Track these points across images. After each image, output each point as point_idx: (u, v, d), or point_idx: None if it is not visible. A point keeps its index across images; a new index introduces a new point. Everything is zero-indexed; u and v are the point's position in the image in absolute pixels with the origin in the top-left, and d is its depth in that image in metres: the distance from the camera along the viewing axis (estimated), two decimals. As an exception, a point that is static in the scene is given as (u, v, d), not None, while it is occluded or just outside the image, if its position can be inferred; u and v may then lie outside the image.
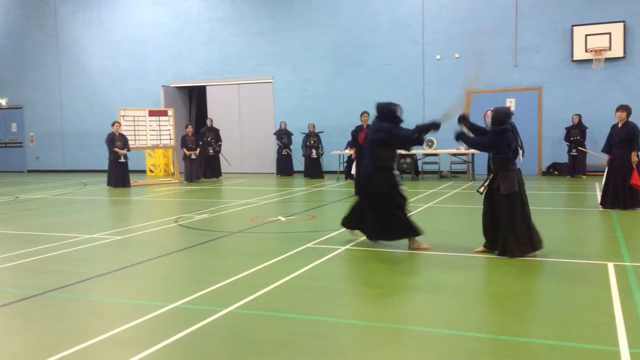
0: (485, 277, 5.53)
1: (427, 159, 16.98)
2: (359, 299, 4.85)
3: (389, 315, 4.48)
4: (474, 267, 5.91)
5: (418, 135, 6.80)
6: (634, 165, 9.24)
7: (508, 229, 6.12)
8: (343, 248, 6.78)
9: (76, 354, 3.69)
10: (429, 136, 16.52)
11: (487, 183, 6.40)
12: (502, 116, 6.26)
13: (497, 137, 6.26)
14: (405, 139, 6.88)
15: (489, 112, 6.35)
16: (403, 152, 15.37)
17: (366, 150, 7.15)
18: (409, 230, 6.75)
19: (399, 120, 6.92)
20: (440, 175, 16.78)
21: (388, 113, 6.92)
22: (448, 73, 17.51)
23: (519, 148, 6.38)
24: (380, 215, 6.79)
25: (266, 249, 6.91)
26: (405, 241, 6.80)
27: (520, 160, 6.47)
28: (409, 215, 6.89)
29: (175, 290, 5.23)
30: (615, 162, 9.43)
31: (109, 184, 15.59)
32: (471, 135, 6.68)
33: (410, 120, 7.48)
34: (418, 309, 4.65)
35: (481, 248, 6.47)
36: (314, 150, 17.66)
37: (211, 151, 18.07)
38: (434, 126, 6.74)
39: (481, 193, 6.47)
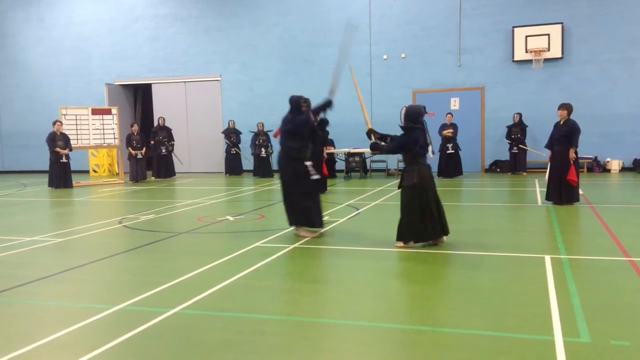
0: (428, 271, 5.66)
1: (375, 158, 17.20)
2: (306, 297, 4.89)
3: (336, 312, 4.53)
4: (418, 261, 6.04)
5: (316, 118, 7.50)
6: (571, 162, 9.64)
7: (404, 217, 6.56)
8: (291, 246, 6.81)
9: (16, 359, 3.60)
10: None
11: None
12: (413, 115, 6.63)
13: (404, 137, 6.62)
14: (304, 124, 7.42)
15: (404, 108, 6.74)
16: (352, 151, 15.53)
17: (280, 141, 7.63)
18: (306, 219, 7.34)
19: (303, 114, 7.49)
20: (388, 173, 17.04)
21: (295, 106, 7.56)
22: (395, 72, 17.80)
23: (427, 145, 6.75)
24: (289, 200, 7.40)
25: (214, 249, 6.87)
26: (353, 238, 6.88)
27: (429, 157, 6.85)
28: (314, 205, 7.36)
29: (119, 292, 5.14)
30: (556, 158, 9.82)
31: (51, 184, 15.11)
32: (382, 143, 7.04)
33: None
34: (363, 304, 4.72)
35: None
36: (263, 149, 17.60)
37: (164, 150, 17.78)
38: (326, 105, 7.68)
39: (398, 188, 6.83)
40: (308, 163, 7.39)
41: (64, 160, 15.16)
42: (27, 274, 5.81)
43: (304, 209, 7.34)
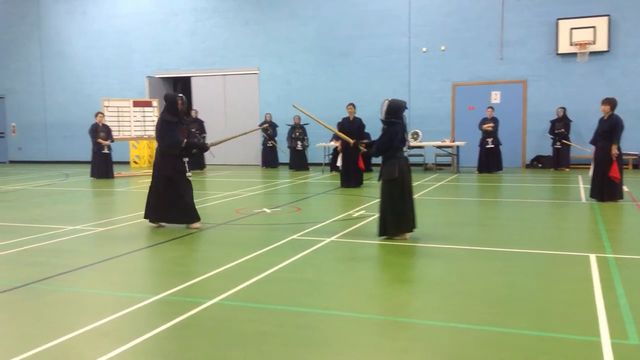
0: (470, 268, 5.56)
1: (413, 152, 16.98)
2: (344, 291, 4.85)
3: (374, 307, 4.49)
4: (459, 258, 5.94)
5: (185, 148, 7.67)
6: (614, 158, 9.36)
7: (387, 211, 6.68)
8: (328, 240, 6.78)
9: (59, 346, 3.66)
10: (414, 128, 16.58)
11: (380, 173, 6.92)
12: (395, 109, 6.72)
13: (385, 133, 6.73)
14: (172, 144, 7.57)
15: (386, 101, 6.77)
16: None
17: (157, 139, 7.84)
18: (190, 217, 7.67)
19: (179, 113, 7.72)
20: (426, 168, 16.85)
21: (171, 104, 7.68)
22: (434, 65, 17.56)
23: (405, 140, 6.86)
24: (163, 198, 7.63)
25: (251, 241, 6.89)
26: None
27: (405, 151, 6.90)
28: (190, 201, 7.73)
29: (158, 282, 5.20)
30: (598, 154, 9.59)
31: (92, 175, 15.44)
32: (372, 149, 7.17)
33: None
34: (403, 300, 4.67)
35: None
36: (299, 142, 17.61)
37: None
38: (202, 148, 8.35)
39: (378, 181, 6.93)
40: (186, 160, 7.74)
41: (105, 151, 15.46)
42: (69, 262, 5.93)
43: (181, 206, 7.65)
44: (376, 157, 7.18)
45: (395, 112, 6.70)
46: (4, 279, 5.31)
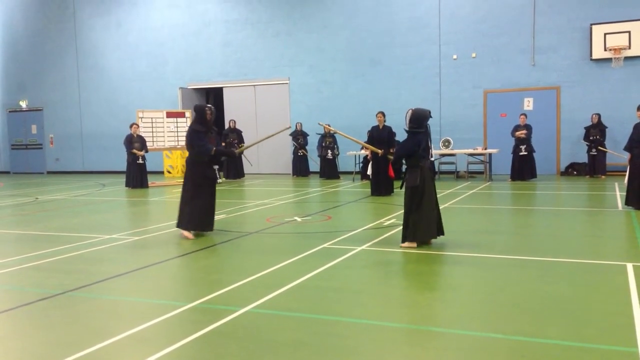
0: (503, 277, 5.50)
1: (444, 159, 16.90)
2: (375, 299, 4.85)
3: (405, 316, 4.48)
4: (492, 266, 5.89)
5: (215, 155, 7.92)
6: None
7: (409, 217, 6.71)
8: (359, 248, 6.79)
9: (96, 353, 3.74)
10: (446, 136, 16.47)
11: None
12: (420, 119, 6.77)
13: (409, 140, 6.79)
14: (201, 152, 7.82)
15: (410, 110, 6.81)
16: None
17: (187, 147, 8.10)
18: (189, 223, 7.78)
19: (208, 123, 7.95)
20: (457, 176, 16.71)
21: (200, 114, 7.94)
22: (465, 72, 17.44)
23: (429, 148, 6.93)
24: (181, 202, 7.91)
25: (282, 250, 6.94)
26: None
27: (431, 158, 7.00)
28: (204, 209, 7.78)
29: (192, 290, 5.27)
30: (635, 161, 9.40)
31: (127, 185, 15.73)
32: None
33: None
34: (434, 308, 4.64)
35: None
36: (329, 151, 17.66)
37: None
38: (230, 155, 8.99)
39: (400, 188, 7.00)
40: (216, 167, 7.97)
41: (140, 161, 15.74)
42: (105, 270, 6.06)
43: (209, 211, 7.87)
44: (395, 163, 7.32)
45: (419, 122, 6.76)
46: (43, 287, 5.46)
